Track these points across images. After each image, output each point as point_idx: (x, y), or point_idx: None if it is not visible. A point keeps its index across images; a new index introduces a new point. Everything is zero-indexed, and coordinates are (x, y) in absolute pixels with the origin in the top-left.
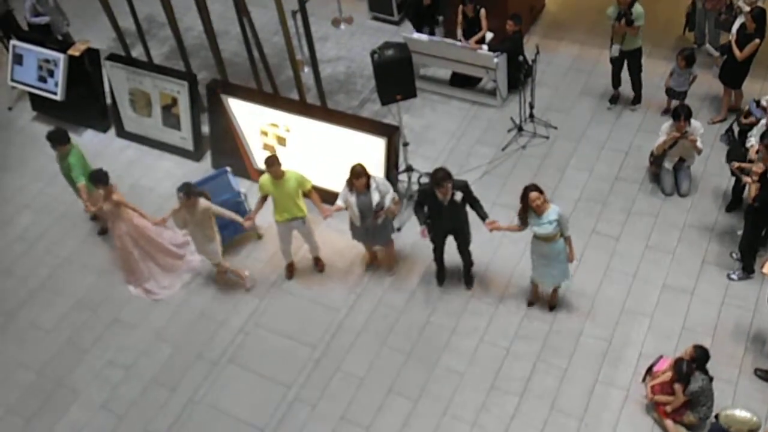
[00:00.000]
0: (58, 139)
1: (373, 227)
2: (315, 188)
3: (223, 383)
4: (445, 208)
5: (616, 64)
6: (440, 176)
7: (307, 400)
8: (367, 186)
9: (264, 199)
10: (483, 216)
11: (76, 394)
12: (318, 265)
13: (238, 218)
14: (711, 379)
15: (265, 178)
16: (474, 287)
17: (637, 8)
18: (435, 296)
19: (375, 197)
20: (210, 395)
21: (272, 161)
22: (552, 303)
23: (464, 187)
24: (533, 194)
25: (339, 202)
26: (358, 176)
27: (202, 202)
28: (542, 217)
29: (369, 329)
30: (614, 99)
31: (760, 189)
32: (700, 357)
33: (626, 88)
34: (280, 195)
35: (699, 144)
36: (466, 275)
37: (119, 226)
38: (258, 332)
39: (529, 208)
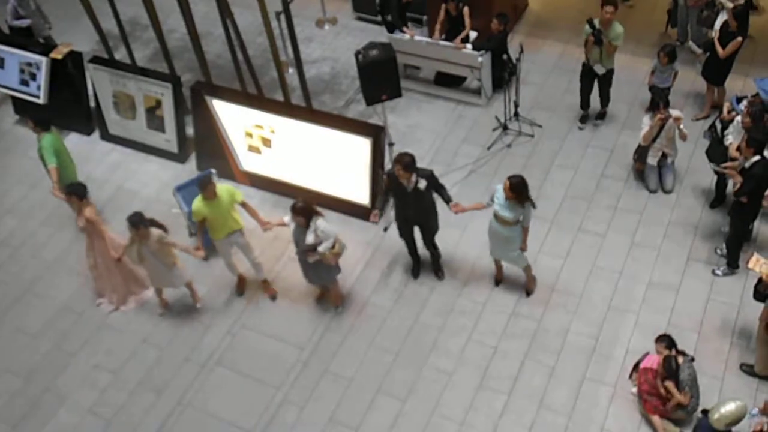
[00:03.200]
0: (35, 120)
1: (306, 264)
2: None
3: (210, 386)
4: (409, 194)
5: (585, 83)
6: (399, 159)
7: (296, 401)
8: (306, 225)
9: (202, 223)
10: (447, 200)
11: (63, 398)
12: (267, 290)
13: (191, 251)
14: (692, 359)
15: (198, 202)
16: (462, 285)
17: (617, 28)
18: (423, 296)
19: (309, 238)
20: (198, 398)
21: (205, 183)
22: (529, 288)
23: (429, 176)
24: (506, 183)
25: (286, 218)
26: (297, 214)
27: (155, 232)
28: (509, 202)
29: (357, 330)
30: (584, 119)
31: (744, 184)
32: (670, 342)
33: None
34: (216, 215)
35: (683, 127)
36: (435, 265)
37: (97, 242)
38: (245, 334)
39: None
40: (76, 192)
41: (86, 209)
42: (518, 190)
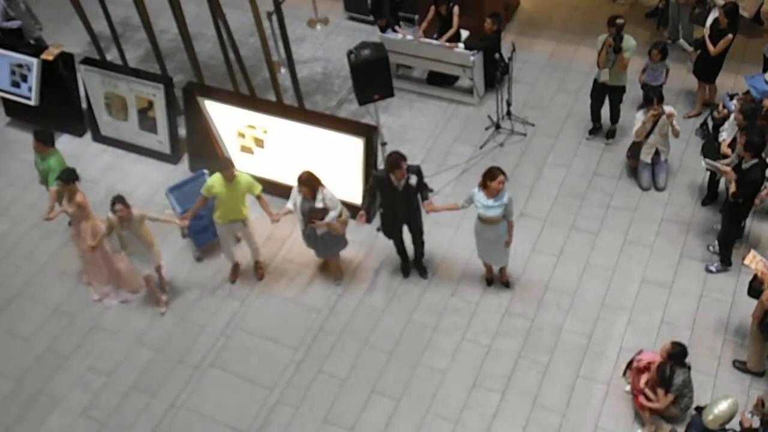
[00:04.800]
0: (43, 139)
1: (314, 237)
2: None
3: (204, 387)
4: (399, 193)
5: (596, 99)
6: (395, 158)
7: (290, 402)
8: (313, 196)
9: (205, 199)
10: (424, 197)
11: (56, 401)
12: (258, 271)
13: (175, 220)
14: (689, 368)
15: (217, 179)
16: (455, 285)
17: (629, 41)
18: (416, 295)
19: (318, 206)
20: (192, 399)
21: (227, 164)
22: (504, 281)
23: (417, 171)
24: (501, 177)
25: (288, 205)
26: (303, 184)
27: (136, 210)
28: (494, 199)
29: (350, 329)
30: (594, 131)
31: (739, 182)
32: (677, 353)
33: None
34: (228, 197)
35: (676, 123)
36: (419, 265)
37: (83, 227)
38: (239, 335)
39: (483, 189)
40: (70, 178)
41: (78, 194)
42: (504, 174)
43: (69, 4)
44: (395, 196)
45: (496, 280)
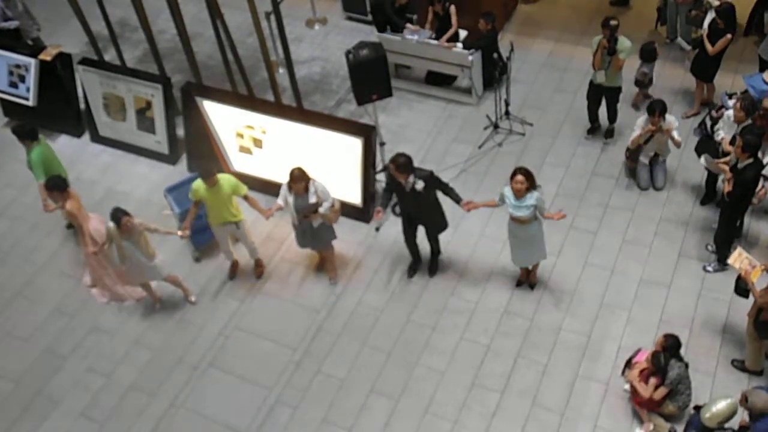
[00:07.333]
0: (22, 136)
1: (310, 230)
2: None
3: (203, 387)
4: (407, 194)
5: (592, 100)
6: (393, 159)
7: (289, 402)
8: (306, 189)
9: (197, 204)
10: (457, 200)
11: (55, 402)
12: (257, 269)
13: (175, 231)
14: (687, 365)
15: (200, 184)
16: (454, 284)
17: (624, 42)
18: (415, 295)
19: (312, 200)
20: (191, 400)
21: (207, 173)
22: (532, 282)
23: (428, 177)
24: (518, 177)
25: (279, 201)
26: (296, 180)
27: (137, 220)
28: (520, 200)
29: (349, 330)
30: (592, 130)
31: (736, 187)
32: (671, 345)
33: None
34: (213, 201)
35: (676, 136)
36: (432, 263)
37: (83, 232)
38: (238, 335)
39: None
40: (56, 187)
41: (67, 202)
42: (529, 175)
43: (67, 5)
44: (405, 196)
45: (498, 278)
